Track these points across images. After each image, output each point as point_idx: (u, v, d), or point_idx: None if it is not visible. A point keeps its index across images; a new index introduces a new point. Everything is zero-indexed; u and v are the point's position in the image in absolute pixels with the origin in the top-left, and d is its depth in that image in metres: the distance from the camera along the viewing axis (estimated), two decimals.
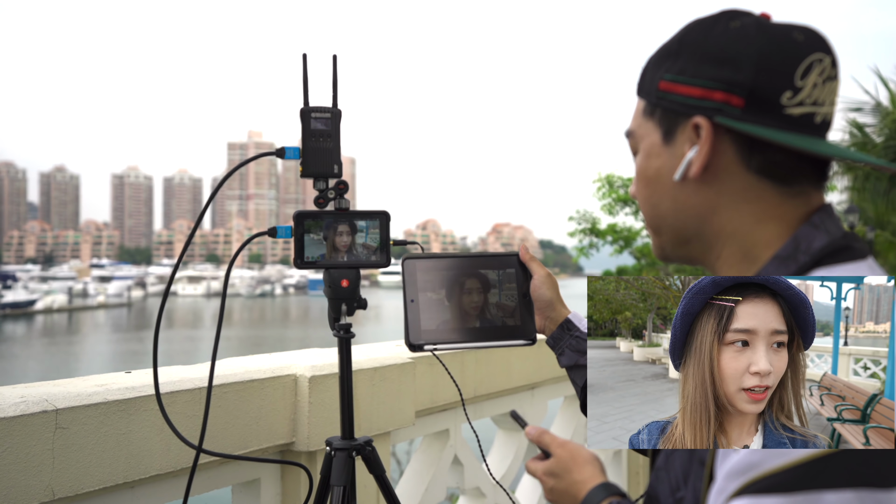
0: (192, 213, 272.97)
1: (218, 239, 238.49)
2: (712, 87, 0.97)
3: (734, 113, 0.96)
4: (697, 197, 1.02)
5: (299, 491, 2.15)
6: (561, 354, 1.46)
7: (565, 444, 1.25)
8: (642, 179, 1.09)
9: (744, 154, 0.98)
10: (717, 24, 1.00)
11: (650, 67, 1.06)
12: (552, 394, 3.53)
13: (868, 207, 18.51)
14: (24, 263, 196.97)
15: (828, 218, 1.00)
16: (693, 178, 1.01)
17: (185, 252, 1.68)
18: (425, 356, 2.53)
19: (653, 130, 1.05)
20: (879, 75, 13.05)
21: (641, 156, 1.08)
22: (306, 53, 1.68)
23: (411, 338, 1.41)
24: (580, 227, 22.28)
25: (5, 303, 67.22)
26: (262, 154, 1.72)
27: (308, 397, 2.11)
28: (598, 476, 1.19)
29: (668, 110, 1.02)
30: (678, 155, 1.02)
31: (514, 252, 1.52)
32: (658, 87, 1.03)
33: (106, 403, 1.68)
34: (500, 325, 1.46)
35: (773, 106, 0.96)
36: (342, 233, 1.69)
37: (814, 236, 0.98)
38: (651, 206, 1.09)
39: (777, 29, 0.98)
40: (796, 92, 0.96)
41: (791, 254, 0.97)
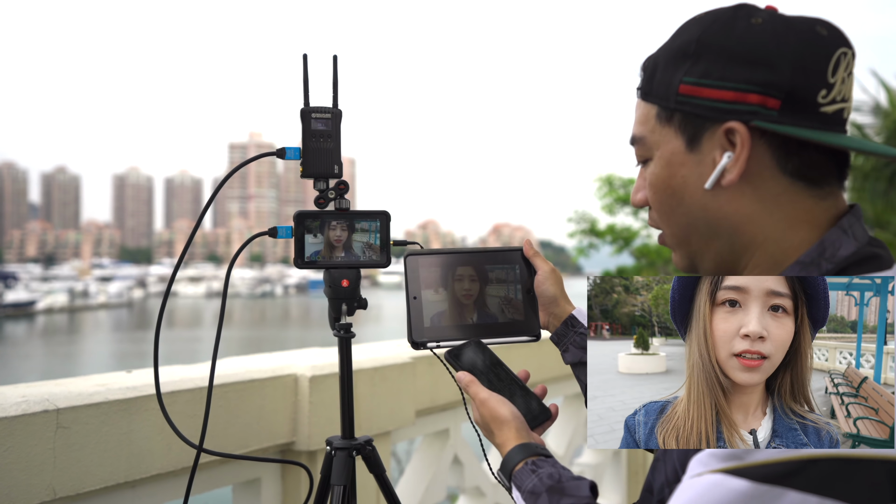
0: (192, 213, 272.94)
1: (218, 239, 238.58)
2: (746, 90, 0.93)
3: (771, 115, 0.93)
4: (731, 205, 0.98)
5: (300, 490, 2.15)
6: (565, 351, 1.43)
7: (485, 402, 1.25)
8: (664, 189, 1.03)
9: (780, 157, 0.95)
10: (737, 21, 0.96)
11: (661, 69, 1.01)
12: (552, 393, 3.54)
13: (867, 207, 18.51)
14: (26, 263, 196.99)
15: (856, 221, 0.96)
16: (727, 185, 0.96)
17: (185, 252, 1.68)
18: (425, 355, 2.53)
19: (673, 137, 1.00)
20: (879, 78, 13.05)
21: (659, 164, 1.02)
22: (307, 54, 1.69)
23: (414, 335, 1.39)
24: (579, 228, 22.28)
25: (7, 302, 67.23)
26: (262, 154, 1.72)
27: (308, 397, 2.11)
28: (514, 437, 1.20)
29: (692, 115, 0.97)
30: (707, 162, 0.97)
31: (518, 247, 1.49)
32: (678, 91, 0.97)
33: (107, 403, 1.69)
34: (503, 321, 1.44)
35: (809, 105, 0.93)
36: (342, 233, 1.70)
37: (841, 242, 0.94)
38: (678, 216, 1.03)
39: (802, 24, 0.95)
40: (829, 89, 0.93)
41: (814, 259, 0.94)
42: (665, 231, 1.07)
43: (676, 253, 1.08)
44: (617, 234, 21.73)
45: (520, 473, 1.14)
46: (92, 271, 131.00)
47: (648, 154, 1.05)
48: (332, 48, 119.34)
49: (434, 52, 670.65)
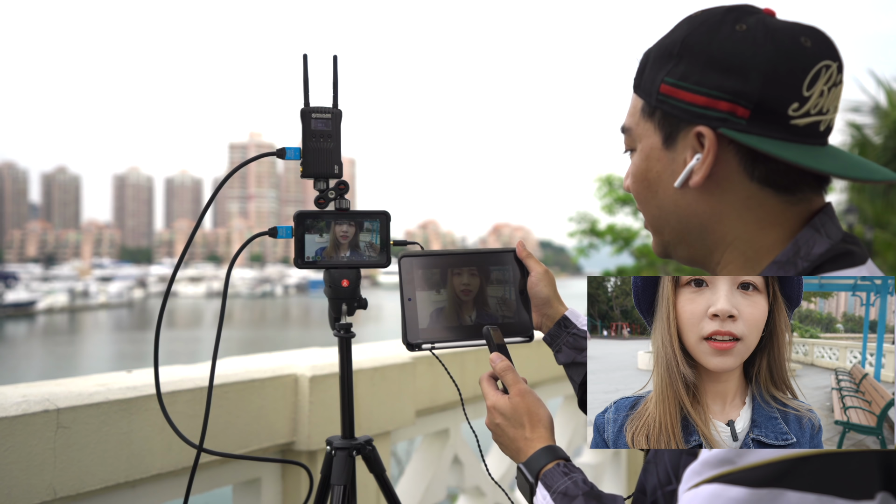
0: (193, 213, 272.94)
1: (219, 239, 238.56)
2: (717, 97, 0.95)
3: (739, 124, 0.94)
4: (699, 204, 1.00)
5: (300, 490, 2.15)
6: (558, 351, 1.44)
7: (525, 394, 1.24)
8: (642, 181, 1.06)
9: (747, 164, 0.96)
10: (723, 25, 0.97)
11: (650, 65, 1.03)
12: (551, 393, 3.54)
13: (867, 207, 18.53)
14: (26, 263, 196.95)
15: (829, 220, 0.98)
16: (694, 186, 0.98)
17: (186, 252, 1.68)
18: (425, 356, 2.53)
19: (652, 132, 1.03)
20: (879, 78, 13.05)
21: (640, 157, 1.06)
22: (307, 54, 1.69)
23: (409, 337, 1.40)
24: (579, 228, 22.28)
25: (7, 302, 67.23)
26: (262, 154, 1.72)
27: (308, 397, 2.11)
28: (546, 438, 1.20)
29: (669, 115, 1.00)
30: (679, 161, 1.00)
31: (511, 249, 1.50)
32: (659, 90, 1.00)
33: (107, 403, 1.69)
34: (497, 322, 1.44)
35: (779, 117, 0.93)
36: (342, 233, 1.70)
37: (814, 241, 0.96)
38: (652, 207, 1.07)
39: (784, 33, 0.95)
40: (803, 102, 0.94)
41: (790, 258, 0.95)
42: (645, 218, 1.11)
43: (654, 240, 1.12)
44: (617, 234, 21.73)
45: (551, 473, 1.14)
46: (92, 271, 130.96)
47: (633, 145, 1.08)
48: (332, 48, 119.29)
49: (434, 53, 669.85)
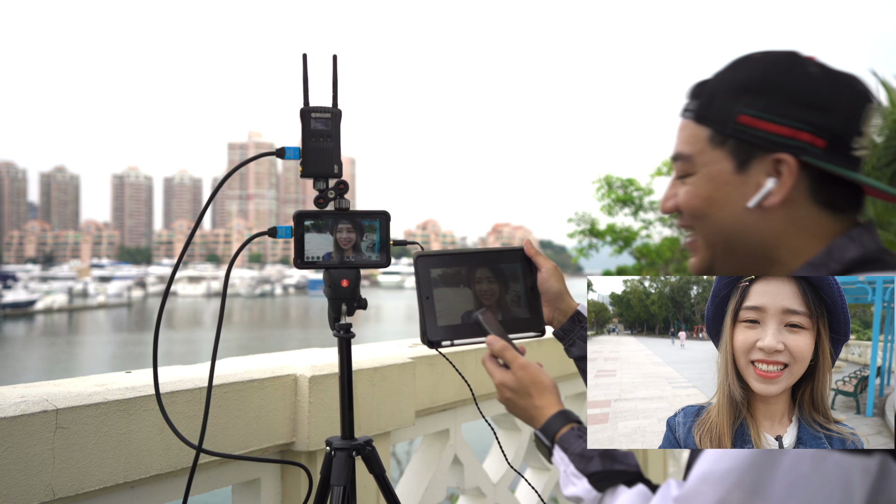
0: (192, 213, 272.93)
1: (218, 239, 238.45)
2: (800, 128, 1.07)
3: (817, 153, 1.07)
4: (764, 223, 1.11)
5: (299, 491, 2.15)
6: (571, 345, 1.50)
7: (527, 366, 1.33)
8: (705, 201, 1.15)
9: (814, 189, 1.09)
10: (796, 67, 1.10)
11: (721, 99, 1.12)
12: None
13: (867, 207, 18.55)
14: (25, 263, 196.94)
15: (865, 233, 1.10)
16: (768, 207, 1.09)
17: (185, 252, 1.68)
18: (425, 356, 2.54)
19: (723, 159, 1.13)
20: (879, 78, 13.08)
21: (705, 180, 1.15)
22: (306, 53, 1.68)
23: (429, 335, 1.42)
24: (579, 229, 22.29)
25: (6, 303, 67.21)
26: (262, 154, 1.72)
27: (308, 397, 2.11)
28: (556, 404, 1.29)
29: (746, 143, 1.10)
30: (752, 184, 1.11)
31: (519, 247, 1.54)
32: (737, 120, 1.10)
33: (106, 403, 1.68)
34: (511, 318, 1.48)
35: (847, 148, 1.08)
36: (342, 233, 1.69)
37: (847, 248, 1.07)
38: (711, 225, 1.15)
39: (849, 78, 1.10)
40: (861, 137, 1.09)
41: (823, 261, 1.07)
42: (697, 235, 1.19)
43: (697, 257, 1.20)
44: (617, 235, 21.72)
45: (567, 436, 1.23)
46: (91, 271, 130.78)
47: (692, 170, 1.16)
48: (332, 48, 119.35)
49: (434, 53, 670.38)
